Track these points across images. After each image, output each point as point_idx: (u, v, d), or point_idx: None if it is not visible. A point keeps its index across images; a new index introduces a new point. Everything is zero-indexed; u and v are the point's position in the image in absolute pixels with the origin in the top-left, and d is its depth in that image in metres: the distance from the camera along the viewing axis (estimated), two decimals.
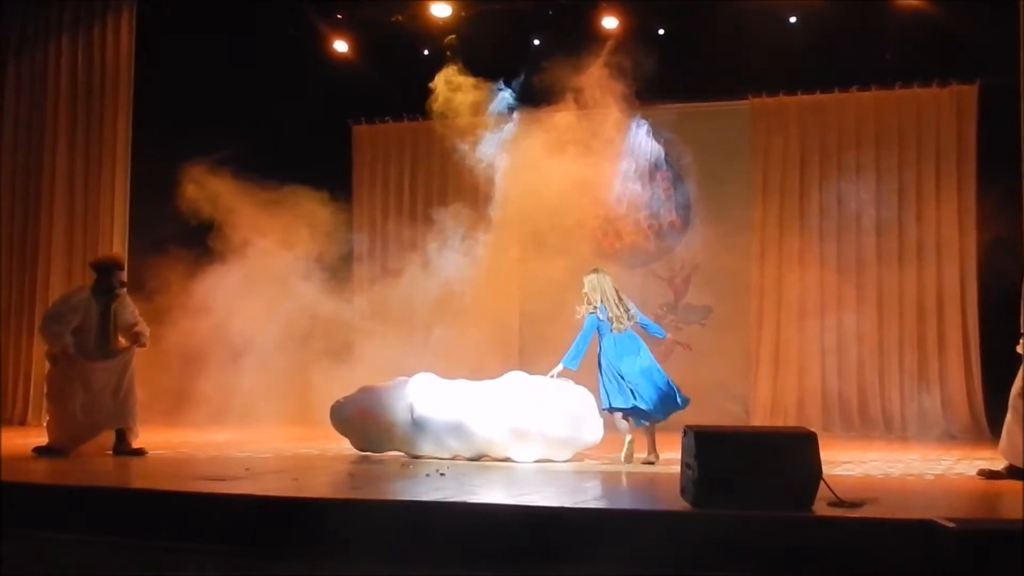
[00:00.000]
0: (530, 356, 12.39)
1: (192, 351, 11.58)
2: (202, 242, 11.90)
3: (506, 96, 11.53)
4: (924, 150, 12.85)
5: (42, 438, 9.39)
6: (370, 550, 5.86)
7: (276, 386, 11.70)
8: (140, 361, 9.65)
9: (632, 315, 9.30)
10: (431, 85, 11.38)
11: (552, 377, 9.12)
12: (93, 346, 9.38)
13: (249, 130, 12.75)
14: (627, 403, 8.95)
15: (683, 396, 9.01)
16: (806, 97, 13.31)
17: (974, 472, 8.01)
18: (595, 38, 11.82)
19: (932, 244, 12.71)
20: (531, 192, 10.79)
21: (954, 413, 12.43)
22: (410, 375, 9.50)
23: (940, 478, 7.98)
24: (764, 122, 13.45)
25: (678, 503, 6.11)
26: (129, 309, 9.57)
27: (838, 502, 5.95)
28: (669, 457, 8.34)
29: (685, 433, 6.19)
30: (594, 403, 8.99)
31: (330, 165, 14.10)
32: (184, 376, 11.70)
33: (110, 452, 9.27)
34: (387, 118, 14.85)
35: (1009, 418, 7.70)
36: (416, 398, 9.17)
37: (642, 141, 13.20)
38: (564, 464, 8.77)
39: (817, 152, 13.27)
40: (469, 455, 9.01)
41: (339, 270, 12.58)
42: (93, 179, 13.12)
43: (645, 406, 8.94)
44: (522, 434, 8.76)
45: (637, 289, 13.56)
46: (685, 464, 6.15)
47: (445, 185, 14.27)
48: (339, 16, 13.65)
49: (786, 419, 12.75)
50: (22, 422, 12.74)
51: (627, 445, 9.02)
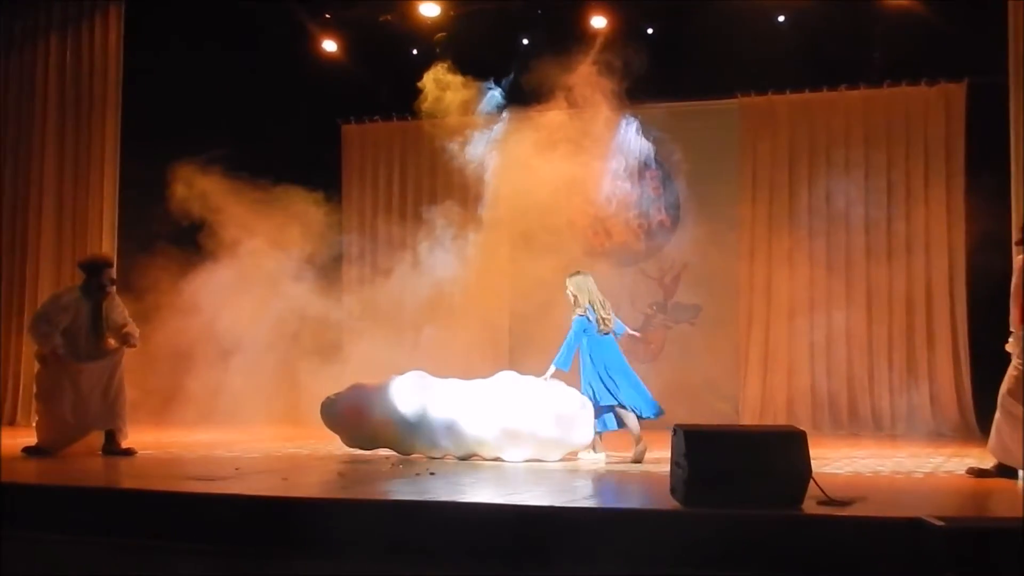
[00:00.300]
0: (520, 355, 12.39)
1: (181, 351, 11.57)
2: (191, 242, 11.88)
3: (495, 95, 11.53)
4: (913, 148, 12.88)
5: (31, 438, 9.37)
6: (360, 550, 5.86)
7: (265, 385, 11.69)
8: (129, 361, 9.64)
9: (612, 317, 9.37)
10: (420, 85, 11.37)
11: (544, 379, 9.12)
12: (83, 346, 9.36)
13: (238, 130, 12.74)
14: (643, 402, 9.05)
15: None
16: (795, 96, 13.34)
17: (963, 470, 8.02)
18: (584, 37, 11.82)
19: (921, 242, 12.73)
20: (521, 191, 10.78)
21: (943, 411, 12.46)
22: (401, 374, 9.49)
23: (929, 476, 7.99)
24: (753, 121, 13.46)
25: (668, 502, 6.11)
26: (119, 309, 9.56)
27: (828, 501, 5.96)
28: (659, 456, 8.35)
29: (675, 432, 6.19)
30: (585, 403, 8.98)
31: (319, 165, 14.09)
32: (173, 376, 11.69)
33: (99, 452, 9.25)
34: (376, 118, 14.84)
35: (998, 416, 7.70)
36: (407, 397, 9.15)
37: (631, 139, 13.20)
38: (554, 464, 8.76)
39: (806, 151, 13.29)
40: (459, 454, 9.01)
41: (328, 270, 12.56)
42: (82, 179, 13.08)
43: (641, 408, 9.05)
44: (512, 434, 8.75)
45: (627, 288, 13.63)
46: (675, 463, 6.15)
47: (435, 185, 14.27)
48: (328, 16, 13.63)
49: (776, 418, 12.77)
50: (11, 422, 12.71)
51: (639, 444, 9.00)
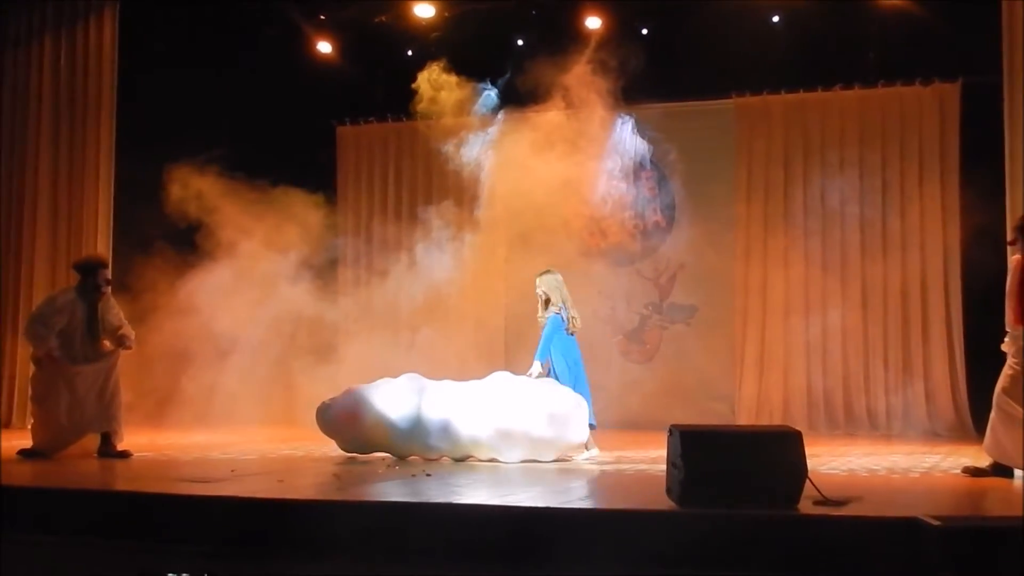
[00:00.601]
0: (516, 356, 12.36)
1: (176, 352, 11.55)
2: (186, 243, 11.87)
3: (490, 96, 11.53)
4: (907, 148, 12.87)
5: (26, 441, 9.36)
6: (356, 552, 5.86)
7: (261, 387, 11.68)
8: (125, 362, 9.64)
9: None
10: (415, 86, 11.37)
11: (531, 377, 9.16)
12: (79, 348, 9.35)
13: (233, 131, 12.72)
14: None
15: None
16: (790, 96, 13.32)
17: (959, 470, 8.04)
18: (579, 38, 11.82)
19: (916, 240, 12.72)
20: (516, 192, 10.78)
21: (939, 410, 12.45)
22: (396, 376, 9.48)
23: (925, 476, 8.00)
24: (748, 121, 13.46)
25: (664, 502, 6.12)
26: (114, 311, 9.55)
27: (824, 500, 5.97)
28: (655, 456, 8.35)
29: (671, 433, 6.20)
30: (579, 402, 8.98)
31: (314, 166, 14.07)
32: (169, 377, 11.68)
33: (95, 455, 9.24)
34: (371, 119, 14.82)
35: (994, 415, 7.71)
36: (401, 400, 9.14)
37: (627, 139, 13.21)
38: (549, 464, 8.76)
39: (801, 150, 13.27)
40: (455, 456, 9.00)
41: (324, 271, 12.54)
42: (77, 180, 13.05)
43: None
44: (507, 434, 8.74)
45: (622, 289, 13.65)
46: (671, 463, 6.16)
47: (430, 185, 14.25)
48: (322, 17, 13.61)
49: (771, 418, 12.77)
50: (7, 424, 12.69)
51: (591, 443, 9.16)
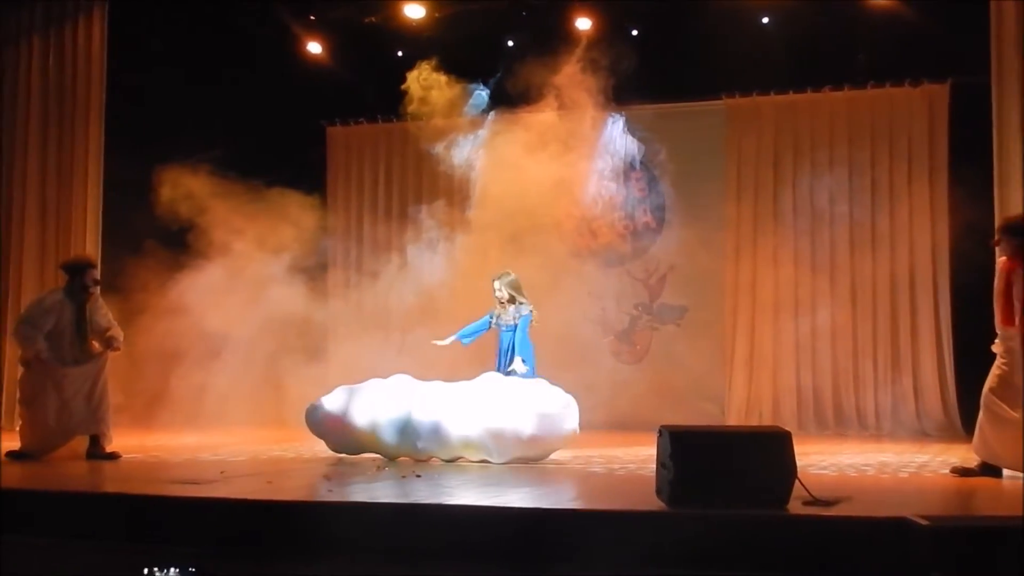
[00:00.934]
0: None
1: (166, 353, 11.52)
2: (176, 244, 11.84)
3: (481, 96, 11.53)
4: (896, 148, 12.90)
5: (15, 443, 9.33)
6: (346, 553, 5.85)
7: (251, 388, 11.64)
8: (114, 363, 9.61)
9: None
10: (405, 87, 11.36)
11: (518, 373, 9.24)
12: (67, 349, 9.31)
13: (223, 132, 12.69)
14: None
15: None
16: (780, 97, 13.35)
17: (948, 469, 8.05)
18: (570, 39, 11.83)
19: (905, 240, 12.74)
20: (507, 193, 10.79)
21: (928, 410, 12.48)
22: (386, 377, 9.47)
23: (914, 476, 8.00)
24: (738, 122, 13.47)
25: (654, 503, 6.11)
26: (102, 311, 9.52)
27: (813, 501, 5.97)
28: (645, 457, 8.35)
29: (661, 433, 6.19)
30: (569, 403, 8.99)
31: (305, 167, 14.04)
32: (158, 378, 11.64)
33: (84, 456, 9.20)
34: (362, 119, 14.81)
35: (982, 416, 7.73)
36: (391, 401, 9.13)
37: (617, 139, 13.23)
38: (540, 465, 8.75)
39: (791, 151, 13.30)
40: (445, 457, 8.99)
41: (314, 272, 12.52)
42: (65, 180, 12.99)
43: None
44: (497, 435, 8.73)
45: (613, 289, 13.66)
46: (661, 464, 6.15)
47: (420, 186, 14.24)
48: (312, 18, 13.59)
49: (761, 418, 12.79)
50: None
51: None
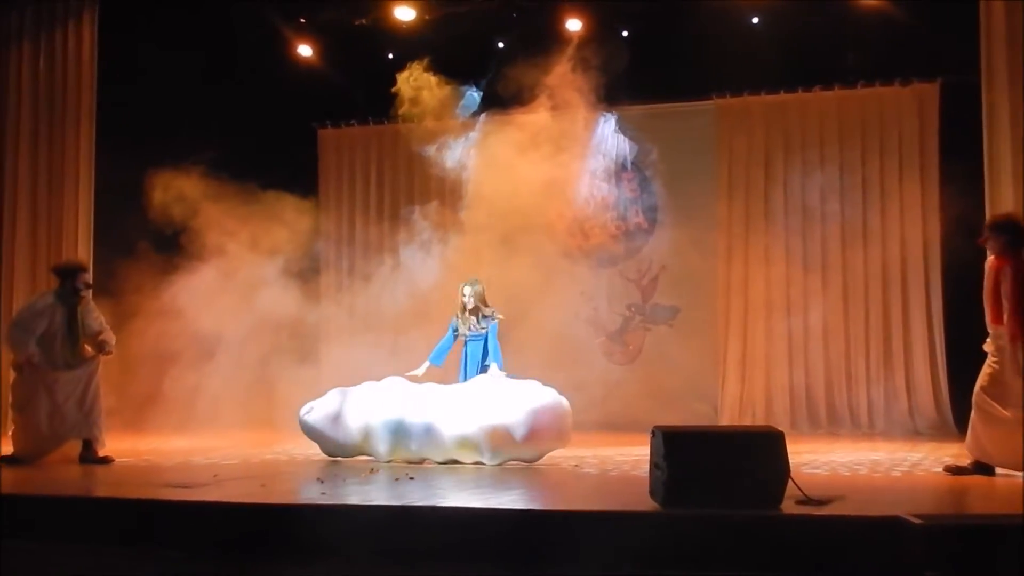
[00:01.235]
0: None
1: (158, 356, 11.50)
2: (168, 247, 11.82)
3: (473, 97, 11.52)
4: (887, 148, 12.92)
5: (7, 448, 9.30)
6: (339, 556, 5.84)
7: (243, 391, 11.62)
8: (106, 367, 9.59)
9: None
10: (396, 89, 11.35)
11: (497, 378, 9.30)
12: (59, 353, 9.29)
13: (214, 134, 12.65)
14: None
15: None
16: (770, 97, 13.37)
17: (940, 468, 8.07)
18: (560, 40, 11.83)
19: (896, 239, 12.76)
20: (499, 194, 10.78)
21: (920, 409, 12.50)
22: (378, 380, 9.47)
23: (907, 474, 8.02)
24: (729, 122, 13.48)
25: (648, 504, 6.12)
26: (94, 315, 9.51)
27: (806, 500, 5.98)
28: (638, 458, 8.35)
29: (654, 434, 6.20)
30: (563, 404, 8.99)
31: (296, 169, 14.01)
32: (150, 382, 11.62)
33: (76, 461, 9.19)
34: (353, 122, 14.80)
35: (974, 415, 7.75)
36: (383, 403, 9.13)
37: (609, 139, 13.23)
38: (533, 466, 8.76)
39: (782, 150, 13.32)
40: (438, 458, 8.98)
41: (306, 274, 12.50)
42: (56, 184, 12.91)
43: None
44: (491, 436, 8.73)
45: (604, 290, 13.67)
46: (654, 465, 6.16)
47: (412, 188, 14.23)
48: (302, 20, 13.57)
49: (754, 418, 12.80)
50: None
51: None
